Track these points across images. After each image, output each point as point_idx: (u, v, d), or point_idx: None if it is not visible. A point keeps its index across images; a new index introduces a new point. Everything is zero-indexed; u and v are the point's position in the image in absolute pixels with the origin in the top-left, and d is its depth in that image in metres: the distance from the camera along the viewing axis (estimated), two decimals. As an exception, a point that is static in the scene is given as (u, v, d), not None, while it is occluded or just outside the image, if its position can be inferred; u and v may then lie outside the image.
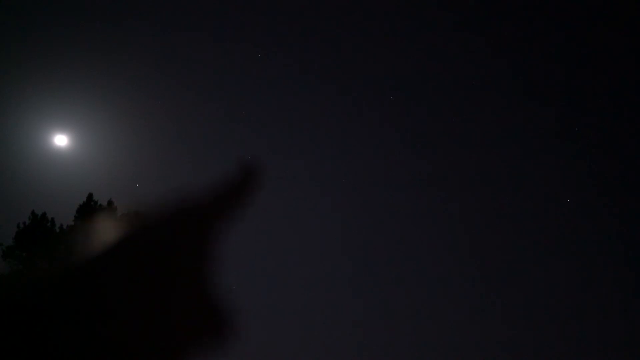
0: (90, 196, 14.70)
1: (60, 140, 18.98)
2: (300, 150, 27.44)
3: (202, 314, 0.33)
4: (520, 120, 26.81)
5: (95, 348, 0.29)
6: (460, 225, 28.66)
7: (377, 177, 27.95)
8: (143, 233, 0.34)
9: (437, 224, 28.84)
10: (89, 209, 14.52)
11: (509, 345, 26.51)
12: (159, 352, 0.30)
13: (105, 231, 0.34)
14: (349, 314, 27.85)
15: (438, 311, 27.98)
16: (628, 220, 27.25)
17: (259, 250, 28.76)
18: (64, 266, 0.32)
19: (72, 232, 14.02)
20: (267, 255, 28.23)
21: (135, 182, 23.08)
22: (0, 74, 23.07)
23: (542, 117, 26.19)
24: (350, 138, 27.38)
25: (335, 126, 27.48)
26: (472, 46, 25.95)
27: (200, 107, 26.41)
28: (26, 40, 22.94)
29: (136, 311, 0.31)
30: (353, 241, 29.46)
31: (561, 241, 28.59)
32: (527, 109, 26.10)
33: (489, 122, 27.54)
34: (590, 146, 26.71)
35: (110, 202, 14.78)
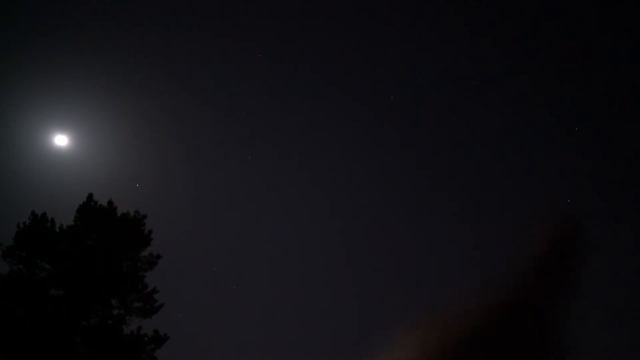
0: (90, 196, 14.69)
1: (60, 140, 19.01)
2: (300, 150, 27.44)
3: None
4: (520, 120, 26.83)
5: None
6: (460, 224, 28.66)
7: (377, 177, 27.95)
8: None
9: (437, 224, 28.84)
10: (89, 209, 14.52)
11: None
12: None
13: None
14: (348, 313, 27.87)
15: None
16: (628, 220, 27.26)
17: (260, 249, 28.76)
18: None
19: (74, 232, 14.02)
20: (268, 255, 28.23)
21: (135, 182, 23.09)
22: (1, 74, 23.07)
23: (542, 117, 26.20)
24: (349, 138, 27.39)
25: (334, 126, 27.48)
26: (473, 46, 25.96)
27: (200, 107, 26.41)
28: (26, 40, 22.94)
29: None
30: (353, 241, 29.45)
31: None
32: (527, 108, 26.11)
33: (489, 122, 27.55)
34: (590, 146, 26.72)
35: (110, 202, 14.78)
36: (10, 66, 22.59)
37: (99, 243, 14.05)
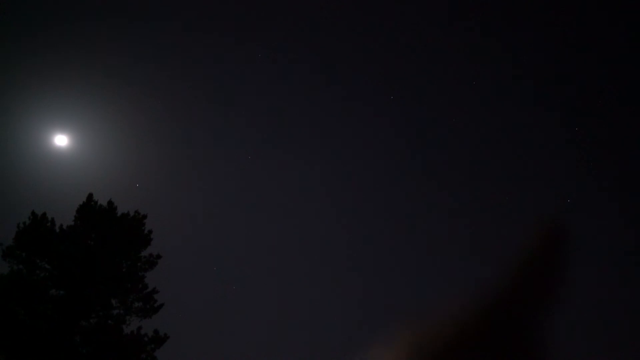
0: (90, 196, 14.68)
1: (60, 140, 19.02)
2: (299, 149, 27.43)
3: None
4: (520, 120, 26.82)
5: None
6: (460, 224, 28.65)
7: (377, 177, 27.95)
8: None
9: (437, 223, 28.83)
10: (89, 209, 14.51)
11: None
12: None
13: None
14: (348, 314, 27.86)
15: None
16: (628, 220, 27.25)
17: (260, 249, 28.75)
18: None
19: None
20: (268, 255, 28.24)
21: (135, 182, 23.09)
22: (1, 74, 23.07)
23: (543, 117, 26.19)
24: (349, 138, 27.38)
25: (334, 126, 27.48)
26: (473, 46, 25.96)
27: (200, 107, 26.42)
28: (26, 40, 22.93)
29: None
30: (353, 241, 29.45)
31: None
32: (527, 108, 26.11)
33: (490, 122, 27.54)
34: (590, 146, 26.70)
35: (110, 202, 14.78)
36: (10, 66, 22.59)
37: (99, 243, 14.05)
